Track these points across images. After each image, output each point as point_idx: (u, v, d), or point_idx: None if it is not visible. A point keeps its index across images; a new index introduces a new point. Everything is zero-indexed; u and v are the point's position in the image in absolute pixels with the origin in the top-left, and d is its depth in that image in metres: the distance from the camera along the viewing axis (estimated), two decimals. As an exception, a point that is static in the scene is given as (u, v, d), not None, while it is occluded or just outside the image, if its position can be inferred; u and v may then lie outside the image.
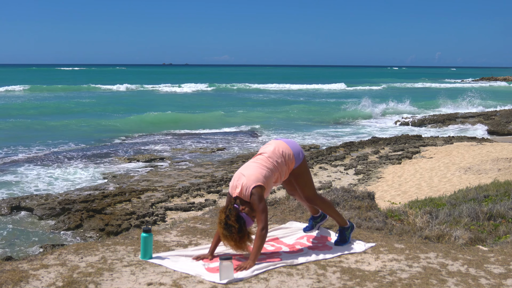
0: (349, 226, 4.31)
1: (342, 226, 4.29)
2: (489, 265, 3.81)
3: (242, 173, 3.88)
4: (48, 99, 40.10)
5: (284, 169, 4.02)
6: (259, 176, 3.83)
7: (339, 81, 73.20)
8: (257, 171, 3.86)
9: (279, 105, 37.29)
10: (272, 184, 3.95)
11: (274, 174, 3.94)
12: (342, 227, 4.29)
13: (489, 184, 7.96)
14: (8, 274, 3.37)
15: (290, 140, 4.24)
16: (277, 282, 3.41)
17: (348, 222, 4.33)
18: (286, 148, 4.06)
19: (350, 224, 4.34)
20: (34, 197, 11.02)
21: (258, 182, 3.79)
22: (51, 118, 26.89)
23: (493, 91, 53.33)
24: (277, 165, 3.96)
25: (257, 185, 3.78)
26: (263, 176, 3.84)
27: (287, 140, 4.20)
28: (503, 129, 24.57)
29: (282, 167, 4.00)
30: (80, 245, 4.09)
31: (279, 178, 4.02)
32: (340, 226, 4.30)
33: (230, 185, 3.90)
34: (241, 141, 20.75)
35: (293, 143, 4.18)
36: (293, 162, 4.06)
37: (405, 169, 14.31)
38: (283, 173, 4.03)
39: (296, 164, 4.08)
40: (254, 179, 3.79)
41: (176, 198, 11.64)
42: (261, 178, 3.83)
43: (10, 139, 19.73)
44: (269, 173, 3.89)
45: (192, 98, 45.33)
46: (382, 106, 33.29)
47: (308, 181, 4.16)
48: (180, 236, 4.47)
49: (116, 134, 21.83)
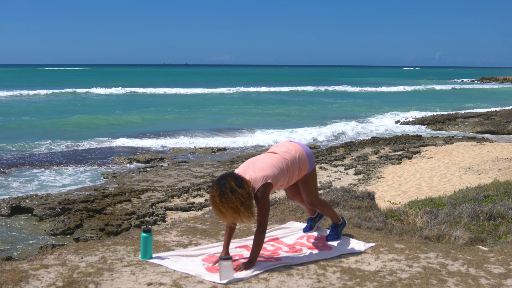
0: (342, 223, 4.36)
1: (335, 222, 4.34)
2: (489, 265, 3.81)
3: (253, 165, 3.69)
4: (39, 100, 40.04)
5: (296, 174, 3.88)
6: (269, 173, 3.65)
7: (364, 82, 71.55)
8: (268, 168, 3.68)
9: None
10: (278, 187, 3.80)
11: (284, 177, 3.78)
12: (335, 224, 4.34)
13: (489, 184, 7.95)
14: (8, 274, 3.37)
15: (304, 144, 4.12)
16: (277, 282, 3.40)
17: (341, 219, 4.38)
18: (302, 153, 3.91)
19: (343, 220, 4.39)
20: (34, 197, 11.01)
21: (267, 179, 3.62)
22: (46, 118, 26.85)
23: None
24: (290, 168, 3.81)
25: (265, 183, 3.61)
26: (274, 175, 3.68)
27: (301, 144, 4.06)
28: (503, 129, 24.58)
29: (294, 171, 3.86)
30: (80, 245, 4.08)
31: (287, 182, 3.86)
32: (333, 223, 4.35)
33: (237, 171, 3.68)
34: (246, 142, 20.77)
35: (307, 148, 4.05)
36: (306, 168, 3.95)
37: (405, 169, 14.30)
38: (293, 178, 3.89)
39: (308, 170, 3.98)
40: (263, 176, 3.61)
41: (176, 198, 11.64)
42: (271, 176, 3.66)
43: (10, 140, 19.73)
44: (280, 175, 3.72)
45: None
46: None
47: (314, 187, 4.08)
48: (180, 236, 4.47)
49: (116, 135, 21.82)
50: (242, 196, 3.41)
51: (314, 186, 4.10)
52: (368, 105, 38.30)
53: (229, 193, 3.40)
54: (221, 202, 3.41)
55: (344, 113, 31.78)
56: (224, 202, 3.40)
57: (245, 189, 3.45)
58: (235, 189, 3.42)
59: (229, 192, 3.40)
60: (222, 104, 38.50)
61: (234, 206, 3.40)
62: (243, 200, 3.42)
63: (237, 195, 3.40)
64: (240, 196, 3.41)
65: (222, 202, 3.40)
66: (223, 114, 30.41)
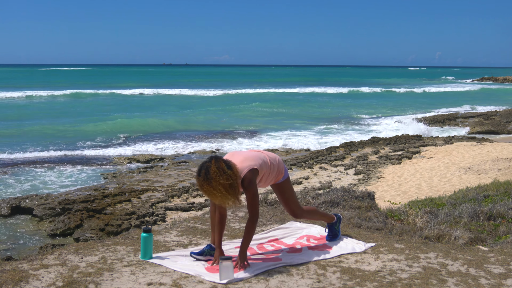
0: (337, 220, 4.34)
1: (330, 222, 4.33)
2: (489, 265, 3.81)
3: (235, 156, 3.74)
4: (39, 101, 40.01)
5: (275, 171, 3.90)
6: (253, 162, 3.70)
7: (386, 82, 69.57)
8: (252, 158, 3.73)
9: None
10: (262, 181, 3.83)
11: (267, 169, 3.81)
12: (330, 224, 4.33)
13: (489, 184, 7.95)
14: (8, 274, 3.37)
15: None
16: (277, 282, 3.41)
17: (335, 216, 4.35)
18: (276, 156, 4.01)
19: (337, 217, 4.36)
20: (34, 197, 11.01)
21: (253, 166, 3.67)
22: (45, 121, 26.84)
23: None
24: (271, 163, 3.85)
25: (252, 168, 3.66)
26: (259, 164, 3.73)
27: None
28: (503, 129, 24.58)
29: (274, 168, 3.88)
30: (80, 245, 4.08)
31: (268, 176, 3.87)
32: (328, 223, 4.34)
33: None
34: (241, 142, 20.77)
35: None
36: (283, 172, 3.98)
37: (405, 169, 14.30)
38: (273, 173, 3.89)
39: (284, 176, 4.00)
40: (248, 165, 3.66)
41: (176, 198, 11.64)
42: (257, 164, 3.71)
43: (9, 140, 19.74)
44: (263, 165, 3.76)
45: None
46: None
47: (292, 195, 4.06)
48: (180, 236, 4.47)
49: (115, 134, 21.82)
50: (231, 177, 3.49)
51: (292, 194, 4.07)
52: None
53: (220, 172, 3.47)
54: (212, 179, 3.46)
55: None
56: (214, 179, 3.45)
57: (234, 171, 3.53)
58: (225, 169, 3.50)
59: (220, 171, 3.47)
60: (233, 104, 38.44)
61: (224, 184, 3.46)
62: (231, 182, 3.48)
63: (226, 176, 3.47)
64: (229, 177, 3.48)
65: (213, 179, 3.45)
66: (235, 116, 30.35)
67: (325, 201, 5.64)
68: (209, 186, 3.46)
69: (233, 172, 3.51)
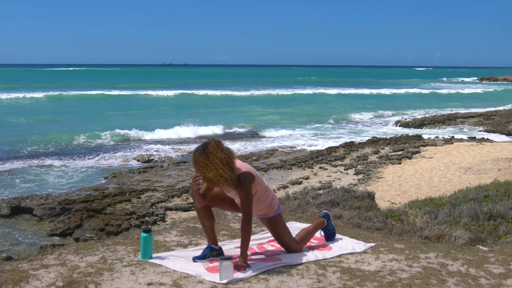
0: (325, 220, 4.32)
1: (322, 228, 4.33)
2: (489, 265, 3.81)
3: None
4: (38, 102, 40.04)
5: (266, 203, 3.87)
6: (252, 171, 3.75)
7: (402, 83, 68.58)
8: (246, 166, 3.76)
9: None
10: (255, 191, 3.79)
11: (258, 187, 3.79)
12: (323, 228, 4.33)
13: (489, 184, 7.95)
14: (8, 274, 3.37)
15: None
16: (277, 282, 3.40)
17: (324, 219, 4.32)
18: (274, 194, 4.01)
19: (326, 217, 4.33)
20: (34, 197, 11.01)
21: (251, 171, 3.71)
22: (46, 118, 26.83)
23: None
24: (265, 188, 3.86)
25: (249, 171, 3.70)
26: (256, 174, 3.77)
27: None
28: (503, 129, 24.57)
29: (266, 197, 3.85)
30: (80, 245, 4.09)
31: (257, 199, 3.82)
32: (321, 229, 4.34)
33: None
34: (242, 143, 20.78)
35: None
36: (274, 209, 3.94)
37: (405, 169, 14.30)
38: (261, 200, 3.84)
39: (276, 212, 3.95)
40: (246, 167, 3.71)
41: (176, 198, 11.64)
42: (254, 173, 3.74)
43: (9, 140, 19.73)
44: (258, 179, 3.79)
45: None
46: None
47: (287, 232, 4.00)
48: (180, 236, 4.47)
49: (115, 134, 21.82)
50: (228, 157, 3.58)
51: (286, 230, 4.00)
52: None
53: (219, 149, 3.56)
54: (210, 153, 3.52)
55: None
56: (212, 153, 3.52)
57: (232, 154, 3.62)
58: (224, 148, 3.60)
59: (219, 148, 3.57)
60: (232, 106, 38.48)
61: (222, 159, 3.53)
62: (229, 160, 3.56)
63: (224, 153, 3.56)
64: (227, 156, 3.57)
65: (211, 153, 3.52)
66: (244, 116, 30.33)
67: (325, 201, 5.64)
68: (205, 160, 3.52)
69: (231, 153, 3.61)
